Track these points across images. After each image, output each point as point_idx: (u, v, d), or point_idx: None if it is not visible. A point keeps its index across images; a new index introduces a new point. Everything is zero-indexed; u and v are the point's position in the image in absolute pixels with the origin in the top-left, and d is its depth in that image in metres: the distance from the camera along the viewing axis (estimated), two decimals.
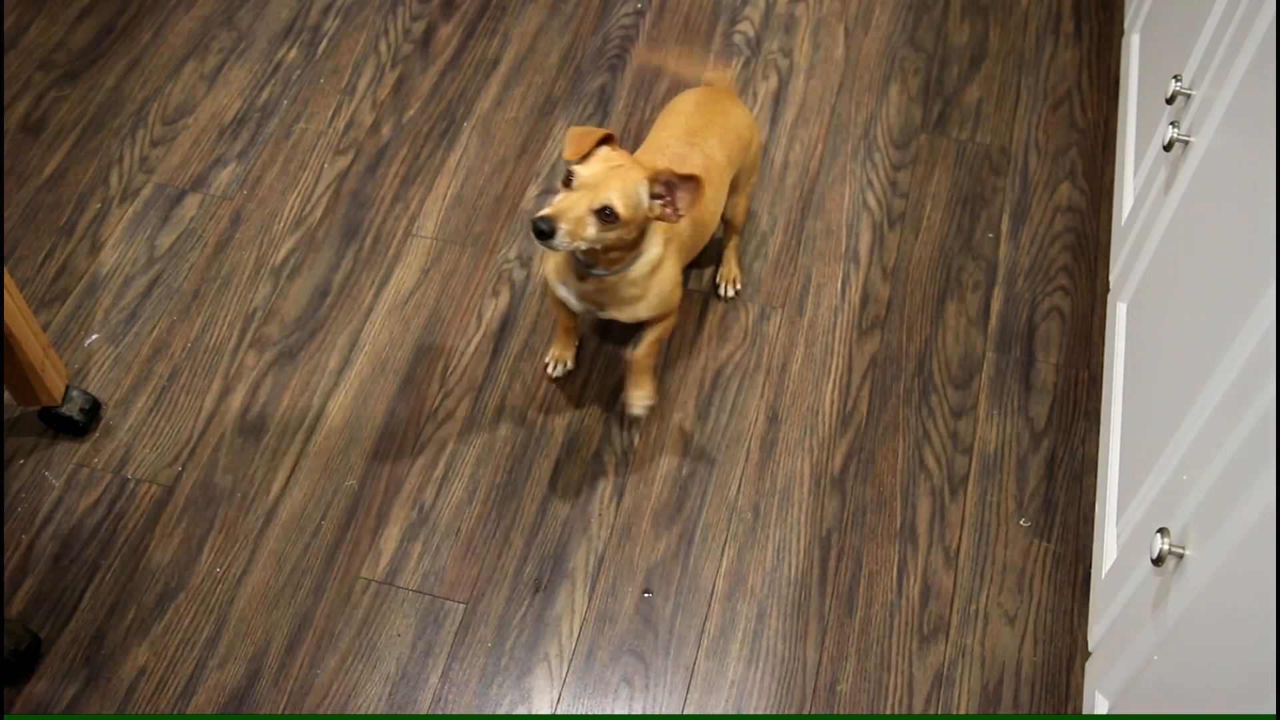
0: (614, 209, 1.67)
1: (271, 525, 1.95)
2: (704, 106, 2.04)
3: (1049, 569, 1.92)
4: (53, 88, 2.53)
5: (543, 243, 1.65)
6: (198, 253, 2.28)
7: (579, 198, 1.67)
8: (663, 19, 2.68)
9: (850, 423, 2.07)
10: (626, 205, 1.68)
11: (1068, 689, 1.80)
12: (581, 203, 1.66)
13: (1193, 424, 1.43)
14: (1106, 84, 2.55)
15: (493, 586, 1.90)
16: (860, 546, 1.94)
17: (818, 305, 2.22)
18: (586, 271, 1.81)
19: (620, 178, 1.69)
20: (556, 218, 1.64)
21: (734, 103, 2.09)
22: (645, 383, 1.99)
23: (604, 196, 1.67)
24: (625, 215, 1.68)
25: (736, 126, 2.04)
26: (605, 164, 1.70)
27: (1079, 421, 2.07)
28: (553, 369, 2.11)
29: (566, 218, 1.65)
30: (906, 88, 2.55)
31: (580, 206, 1.66)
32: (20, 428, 2.04)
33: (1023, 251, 2.29)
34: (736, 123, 2.05)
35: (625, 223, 1.69)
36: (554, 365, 2.11)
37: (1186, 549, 1.34)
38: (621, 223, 1.69)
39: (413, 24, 2.65)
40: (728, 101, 2.08)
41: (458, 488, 2.00)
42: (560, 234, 1.65)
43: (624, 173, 1.69)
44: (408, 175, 2.40)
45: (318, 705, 1.79)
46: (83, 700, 1.78)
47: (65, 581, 1.89)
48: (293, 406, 2.08)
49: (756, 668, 1.83)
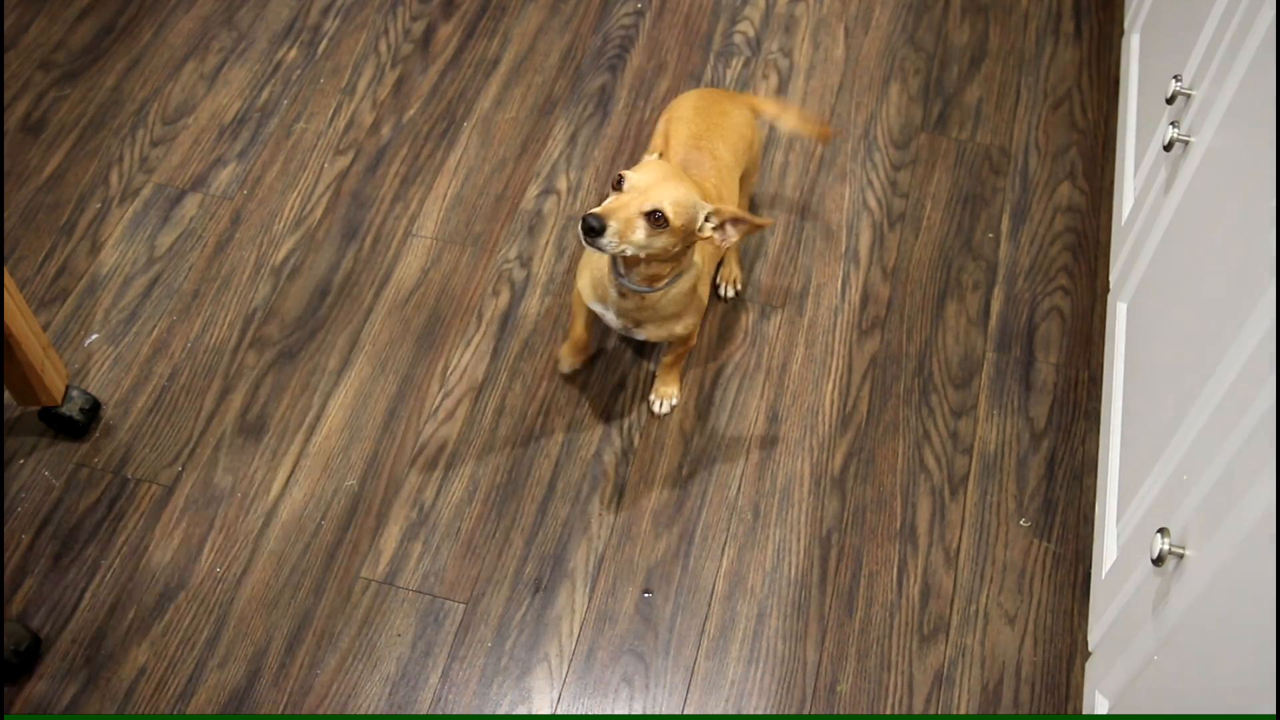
0: (664, 213, 1.62)
1: (271, 525, 1.95)
2: (704, 110, 2.01)
3: (1049, 569, 1.92)
4: (53, 88, 2.53)
5: (590, 241, 1.61)
6: (198, 253, 2.28)
7: (630, 198, 1.63)
8: (663, 19, 2.68)
9: (850, 423, 2.07)
10: (678, 212, 1.64)
11: (1068, 689, 1.80)
12: (633, 204, 1.62)
13: (1193, 424, 1.43)
14: (1106, 84, 2.55)
15: (493, 586, 1.90)
16: (860, 546, 1.94)
17: (818, 305, 2.22)
18: (628, 288, 1.77)
19: (674, 185, 1.65)
20: (607, 215, 1.60)
21: (732, 102, 2.07)
22: (673, 381, 2.05)
23: (655, 199, 1.62)
24: (675, 222, 1.64)
25: (738, 126, 2.02)
26: (657, 171, 1.68)
27: (1079, 421, 2.07)
28: (563, 365, 2.11)
29: (617, 216, 1.61)
30: (906, 88, 2.55)
31: (631, 207, 1.62)
32: (20, 428, 2.04)
33: (1023, 251, 2.29)
34: (738, 122, 2.03)
35: (675, 231, 1.65)
36: (564, 362, 2.11)
37: (1186, 549, 1.34)
38: (670, 230, 1.64)
39: (413, 24, 2.65)
40: (727, 101, 2.06)
41: (458, 488, 2.00)
42: (610, 232, 1.60)
43: (676, 182, 1.66)
44: (408, 175, 2.40)
45: (318, 705, 1.79)
46: (83, 700, 1.78)
47: (65, 581, 1.89)
48: (293, 406, 2.08)
49: (756, 668, 1.83)
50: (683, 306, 1.85)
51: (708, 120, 1.99)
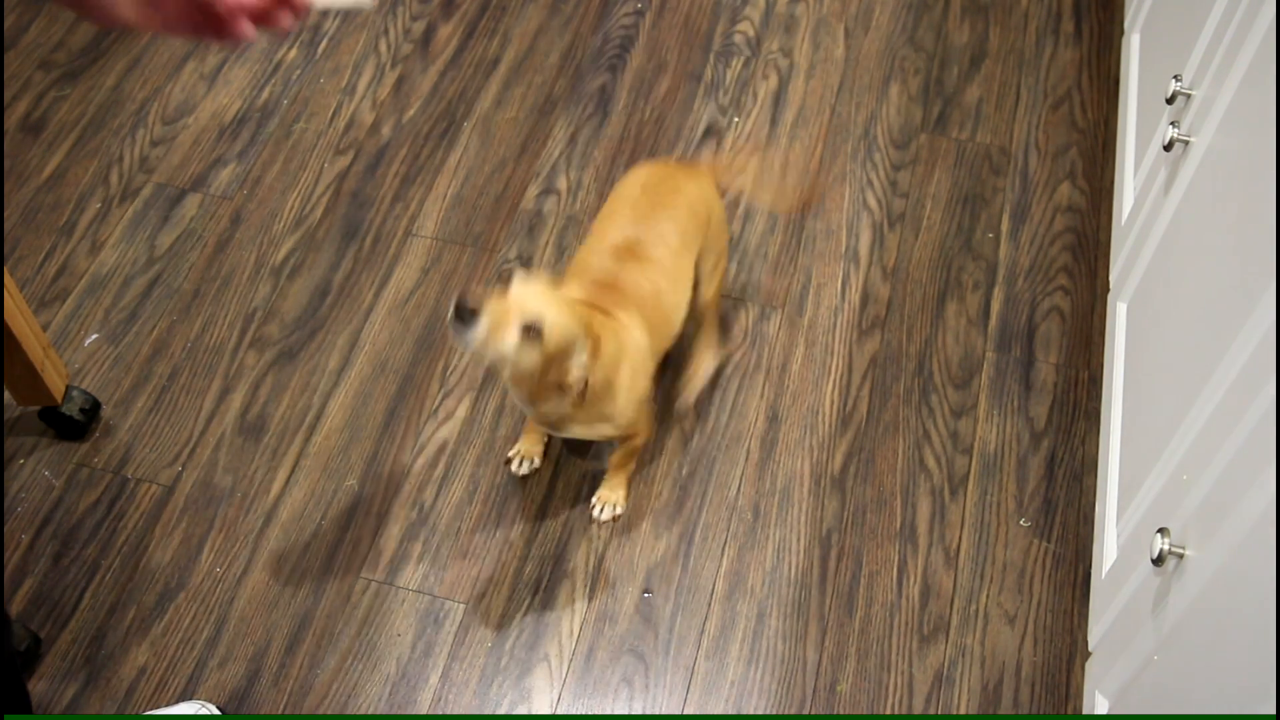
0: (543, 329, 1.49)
1: (271, 525, 1.95)
2: (651, 188, 1.84)
3: (1049, 569, 1.92)
4: (53, 88, 2.53)
5: (457, 329, 1.46)
6: (198, 253, 2.28)
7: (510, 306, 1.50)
8: (663, 19, 2.68)
9: (850, 423, 2.07)
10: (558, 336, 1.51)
11: (1068, 689, 1.80)
12: (513, 311, 1.49)
13: (1193, 424, 1.43)
14: (1106, 84, 2.55)
15: (493, 586, 1.90)
16: (860, 546, 1.94)
17: (818, 305, 2.22)
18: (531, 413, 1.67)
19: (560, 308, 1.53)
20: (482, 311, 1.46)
21: (688, 176, 1.88)
22: (619, 486, 1.93)
23: (538, 313, 1.49)
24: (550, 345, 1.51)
25: (690, 203, 1.84)
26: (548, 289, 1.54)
27: (1079, 421, 2.07)
28: (517, 466, 1.98)
29: (493, 315, 1.47)
30: (906, 88, 2.55)
31: (509, 314, 1.49)
32: (20, 428, 2.04)
33: (1023, 251, 2.29)
34: (690, 199, 1.84)
35: (547, 354, 1.51)
36: (519, 462, 1.98)
37: (1186, 549, 1.34)
38: (543, 348, 1.50)
39: (413, 24, 2.65)
40: (681, 176, 1.87)
41: (458, 488, 1.99)
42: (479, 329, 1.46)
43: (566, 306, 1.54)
44: (408, 175, 2.40)
45: (318, 705, 1.79)
46: (83, 700, 1.78)
47: (65, 581, 1.89)
48: (293, 406, 2.08)
49: (756, 668, 1.83)
50: (609, 410, 1.69)
51: (654, 199, 1.83)
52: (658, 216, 1.81)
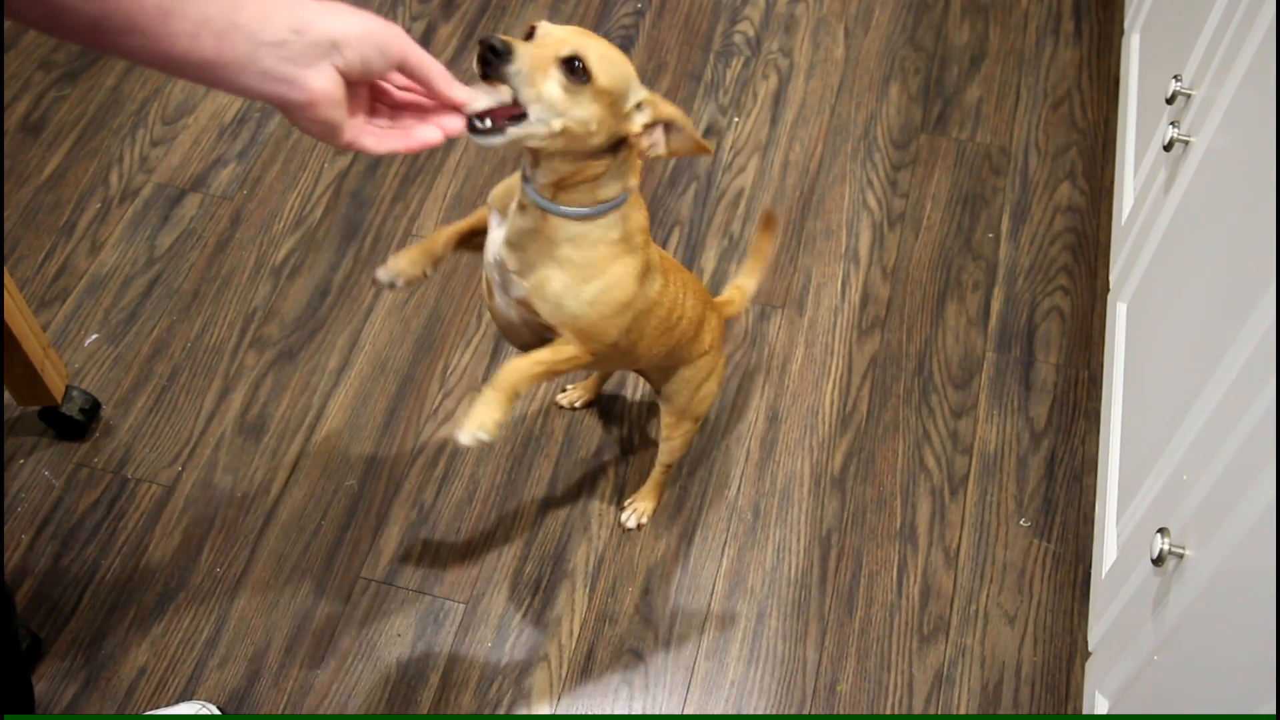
0: (586, 63, 1.22)
1: (271, 525, 1.95)
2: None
3: (1049, 569, 1.92)
4: (53, 88, 2.53)
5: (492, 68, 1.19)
6: (198, 253, 2.28)
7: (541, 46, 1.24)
8: (663, 19, 2.68)
9: (850, 423, 2.07)
10: (605, 69, 1.24)
11: (1068, 689, 1.80)
12: (546, 49, 1.23)
13: (1193, 424, 1.43)
14: (1106, 84, 2.55)
15: (493, 586, 1.90)
16: (860, 546, 1.94)
17: (818, 305, 2.22)
18: (528, 198, 1.35)
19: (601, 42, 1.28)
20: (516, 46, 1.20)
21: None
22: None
23: (575, 45, 1.23)
24: (600, 79, 1.23)
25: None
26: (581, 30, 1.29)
27: (1079, 421, 2.07)
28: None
29: (525, 55, 1.20)
30: (906, 88, 2.55)
31: (545, 53, 1.22)
32: (20, 428, 2.04)
33: (1023, 251, 2.29)
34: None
35: (599, 95, 1.24)
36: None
37: (1186, 549, 1.34)
38: (594, 90, 1.23)
39: (413, 24, 2.65)
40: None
41: (458, 488, 1.99)
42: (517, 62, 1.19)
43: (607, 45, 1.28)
44: (408, 175, 2.40)
45: (318, 705, 1.78)
46: (83, 700, 1.78)
47: (65, 581, 1.89)
48: (293, 406, 2.08)
49: (756, 668, 1.83)
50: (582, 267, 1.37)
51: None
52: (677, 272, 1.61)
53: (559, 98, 1.22)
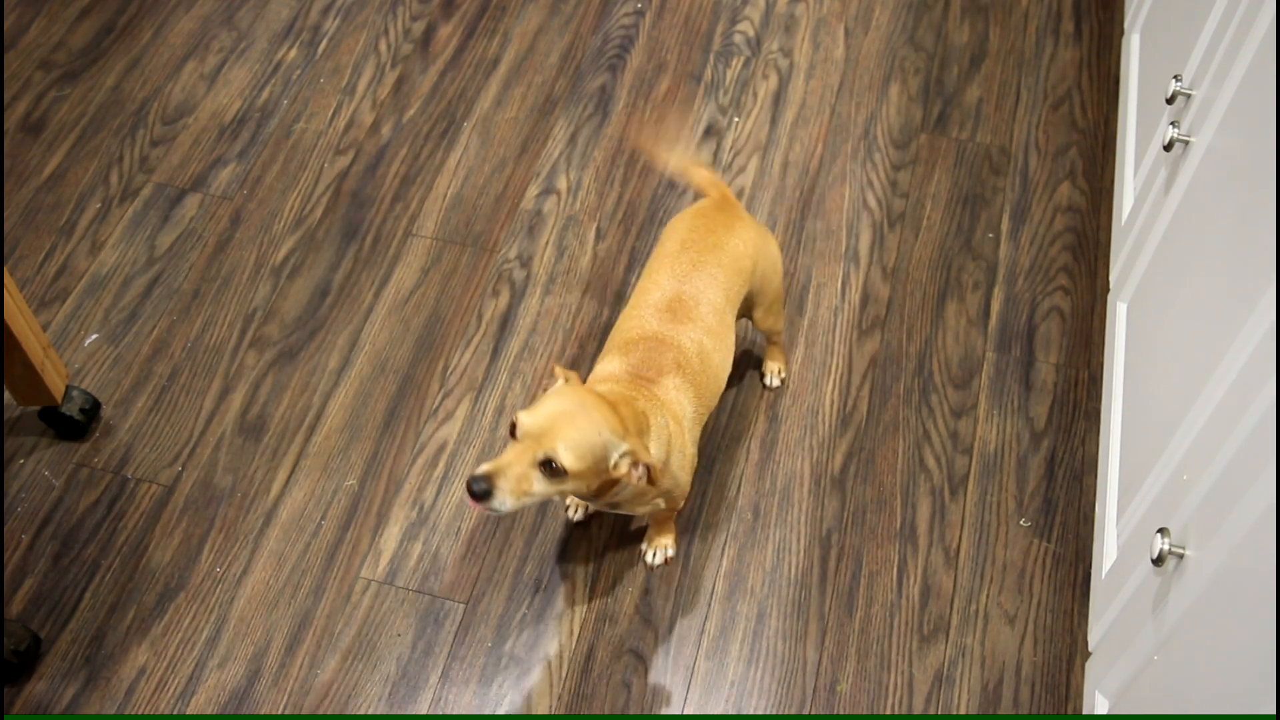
0: (558, 463, 1.44)
1: (271, 525, 1.95)
2: (691, 244, 1.78)
3: (1049, 569, 1.92)
4: (53, 88, 2.53)
5: (481, 506, 1.42)
6: (198, 253, 2.28)
7: (522, 449, 1.44)
8: (663, 19, 2.68)
9: (850, 423, 2.07)
10: (578, 457, 1.45)
11: (1068, 689, 1.80)
12: (525, 455, 1.44)
13: (1193, 424, 1.43)
14: (1106, 84, 2.55)
15: (493, 586, 1.90)
16: (860, 546, 1.94)
17: (818, 305, 2.22)
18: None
19: (571, 427, 1.45)
20: (495, 475, 1.42)
21: (728, 228, 1.82)
22: (668, 530, 1.90)
23: (548, 447, 1.44)
24: (575, 468, 1.45)
25: (733, 257, 1.79)
26: (556, 407, 1.48)
27: (1079, 421, 2.07)
28: (573, 512, 1.95)
29: (507, 474, 1.42)
30: (906, 88, 2.55)
31: (523, 460, 1.43)
32: (20, 428, 2.04)
33: (1023, 251, 2.29)
34: (733, 253, 1.79)
35: (579, 475, 1.46)
36: (575, 509, 1.95)
37: (1186, 549, 1.34)
38: (573, 475, 1.45)
39: (413, 24, 2.65)
40: (721, 230, 1.81)
41: (458, 488, 1.99)
42: (501, 494, 1.42)
43: (575, 422, 1.46)
44: (408, 175, 2.40)
45: (318, 705, 1.79)
46: (83, 700, 1.78)
47: (65, 581, 1.89)
48: (293, 406, 2.08)
49: (756, 668, 1.83)
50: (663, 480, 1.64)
51: (694, 256, 1.77)
52: (698, 274, 1.76)
53: (545, 488, 1.46)
